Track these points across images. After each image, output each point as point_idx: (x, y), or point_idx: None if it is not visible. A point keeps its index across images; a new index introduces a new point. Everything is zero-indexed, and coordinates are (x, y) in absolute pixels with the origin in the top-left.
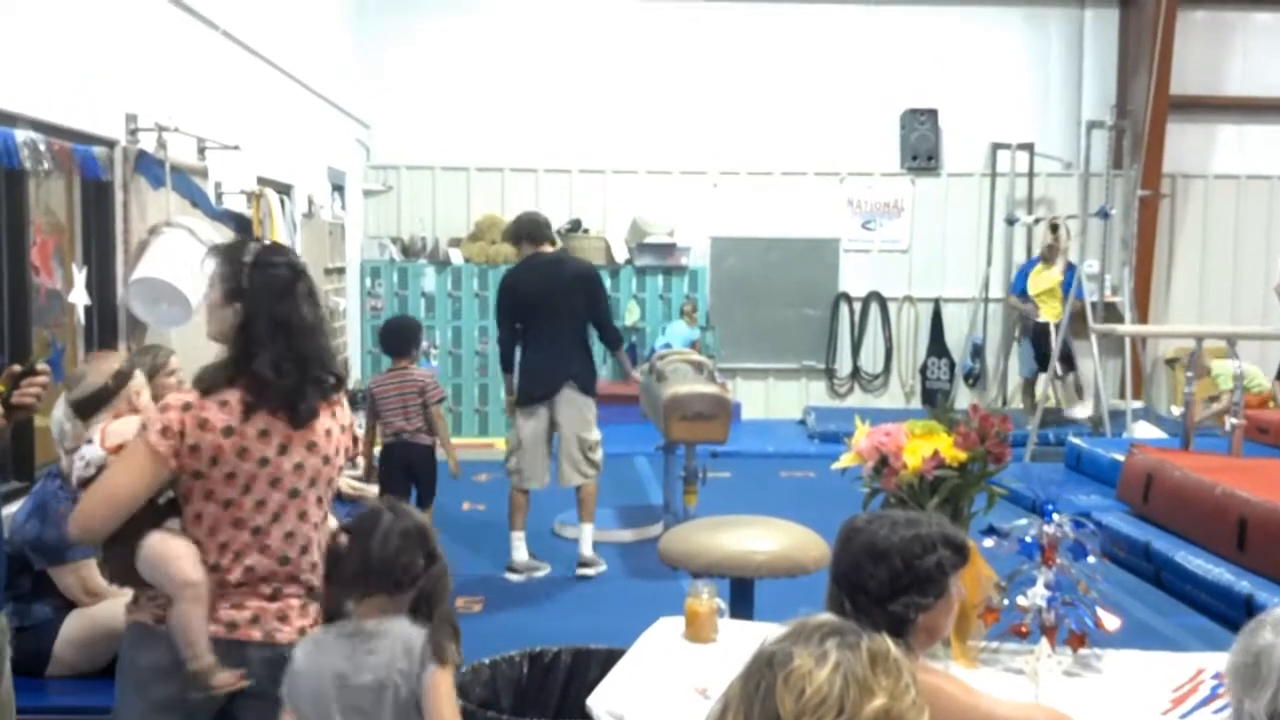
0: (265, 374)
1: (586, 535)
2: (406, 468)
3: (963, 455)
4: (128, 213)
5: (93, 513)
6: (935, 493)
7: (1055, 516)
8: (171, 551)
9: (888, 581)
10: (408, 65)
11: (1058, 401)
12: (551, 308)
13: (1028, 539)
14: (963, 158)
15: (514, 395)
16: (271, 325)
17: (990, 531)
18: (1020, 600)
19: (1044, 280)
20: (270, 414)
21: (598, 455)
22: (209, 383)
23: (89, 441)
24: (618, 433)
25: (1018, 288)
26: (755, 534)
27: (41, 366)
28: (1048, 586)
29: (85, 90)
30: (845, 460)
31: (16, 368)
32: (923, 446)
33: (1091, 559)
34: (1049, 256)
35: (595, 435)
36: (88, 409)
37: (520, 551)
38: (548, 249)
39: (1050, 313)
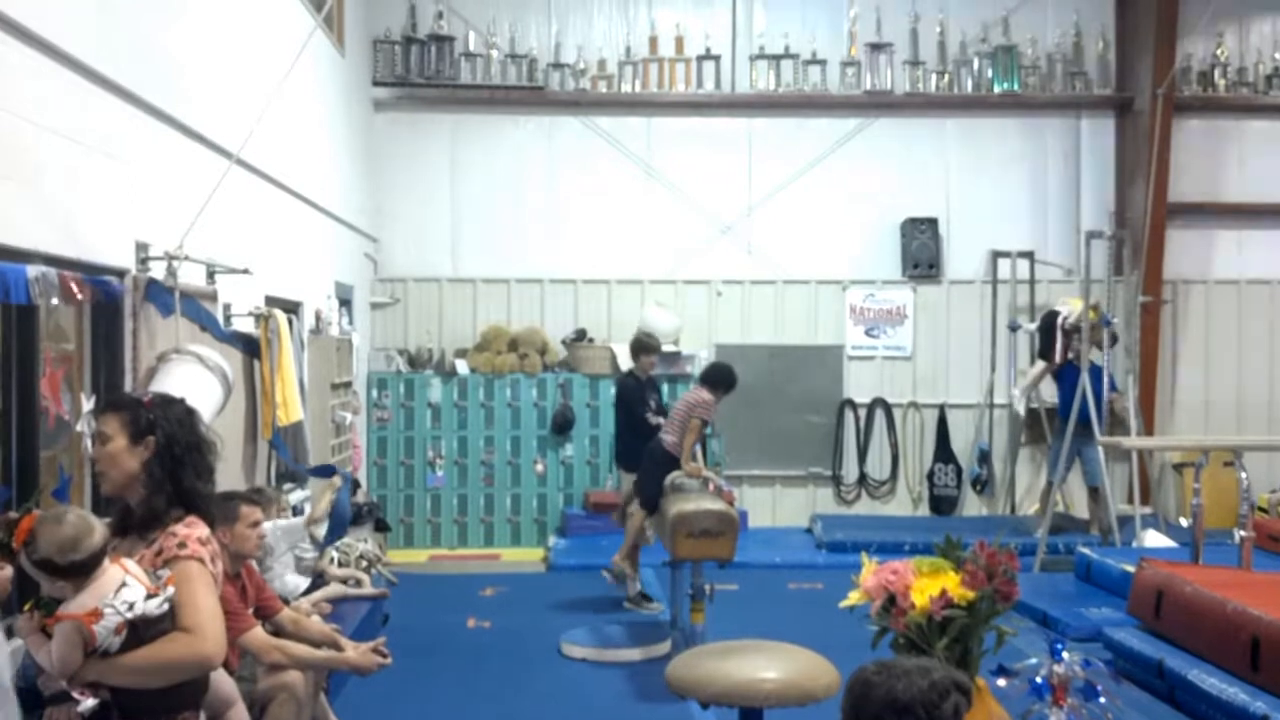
0: (200, 488)
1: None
2: None
3: (970, 594)
4: (137, 340)
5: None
6: (944, 633)
7: (1065, 655)
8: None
9: None
10: (415, 180)
11: (1065, 507)
12: None
13: (1038, 679)
14: (963, 265)
15: None
16: (186, 447)
17: (1001, 671)
18: None
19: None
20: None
21: None
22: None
23: (125, 585)
24: (620, 544)
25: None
26: (763, 661)
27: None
28: None
29: (97, 223)
30: (852, 599)
31: (13, 514)
32: (930, 585)
33: (1103, 699)
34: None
35: None
36: (81, 572)
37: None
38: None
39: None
